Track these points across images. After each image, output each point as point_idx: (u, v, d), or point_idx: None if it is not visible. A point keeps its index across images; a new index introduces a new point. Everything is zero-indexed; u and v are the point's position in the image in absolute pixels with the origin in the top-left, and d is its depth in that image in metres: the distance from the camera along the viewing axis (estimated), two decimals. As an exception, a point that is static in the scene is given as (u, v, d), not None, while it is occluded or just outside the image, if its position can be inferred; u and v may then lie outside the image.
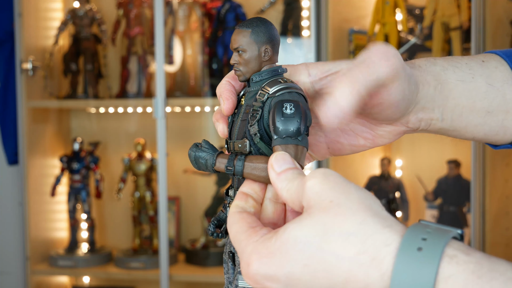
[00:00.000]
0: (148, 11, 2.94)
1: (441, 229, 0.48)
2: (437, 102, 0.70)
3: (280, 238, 0.51)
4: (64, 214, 3.08)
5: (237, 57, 0.65)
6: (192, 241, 2.99)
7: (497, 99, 0.71)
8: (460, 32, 2.53)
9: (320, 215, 0.50)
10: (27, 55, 2.86)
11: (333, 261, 0.49)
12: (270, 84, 0.64)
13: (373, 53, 0.61)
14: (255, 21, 0.65)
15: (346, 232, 0.49)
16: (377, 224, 0.49)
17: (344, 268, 0.48)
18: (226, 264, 0.67)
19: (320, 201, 0.51)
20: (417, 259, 0.46)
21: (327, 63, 0.69)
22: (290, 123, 0.59)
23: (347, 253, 0.48)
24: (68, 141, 3.16)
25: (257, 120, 0.62)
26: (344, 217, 0.49)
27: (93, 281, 3.16)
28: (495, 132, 0.73)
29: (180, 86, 2.97)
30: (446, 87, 0.69)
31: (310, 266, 0.49)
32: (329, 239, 0.49)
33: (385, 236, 0.48)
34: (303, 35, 2.82)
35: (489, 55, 0.74)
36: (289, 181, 0.55)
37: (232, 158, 0.62)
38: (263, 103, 0.63)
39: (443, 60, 0.71)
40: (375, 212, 0.50)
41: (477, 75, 0.71)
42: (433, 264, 0.46)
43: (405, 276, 0.46)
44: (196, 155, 0.64)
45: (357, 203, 0.50)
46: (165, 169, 2.73)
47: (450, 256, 0.46)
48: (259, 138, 0.62)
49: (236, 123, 0.66)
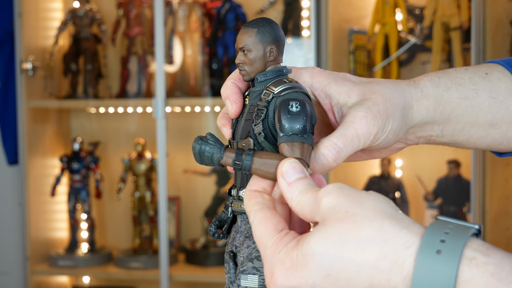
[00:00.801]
0: (148, 11, 2.94)
1: (460, 227, 0.48)
2: (437, 122, 0.70)
3: (301, 251, 0.52)
4: (64, 214, 3.08)
5: (243, 56, 0.65)
6: (192, 241, 2.99)
7: (501, 112, 0.72)
8: (460, 32, 2.54)
9: (336, 225, 0.51)
10: (27, 55, 2.86)
11: (354, 269, 0.49)
12: (275, 84, 0.64)
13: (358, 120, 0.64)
14: (261, 21, 0.65)
15: (364, 239, 0.49)
16: (395, 228, 0.49)
17: (366, 275, 0.49)
18: (227, 264, 0.67)
19: (336, 212, 0.52)
20: (437, 263, 0.46)
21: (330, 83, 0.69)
22: (296, 121, 0.59)
23: (368, 260, 0.49)
24: (68, 141, 3.16)
25: (262, 120, 0.62)
26: (361, 225, 0.50)
27: (93, 281, 3.16)
28: (499, 143, 0.73)
29: (180, 86, 2.97)
30: (448, 107, 0.70)
31: (332, 276, 0.50)
32: (348, 248, 0.49)
33: (404, 239, 0.48)
34: (303, 35, 2.82)
35: (492, 66, 0.74)
36: (300, 193, 0.56)
37: (240, 153, 0.61)
38: (268, 103, 0.63)
39: (447, 77, 0.71)
40: (390, 215, 0.51)
41: (481, 90, 0.71)
42: (452, 268, 0.46)
43: (425, 281, 0.46)
44: (201, 149, 0.62)
45: (372, 210, 0.51)
46: (165, 169, 2.73)
47: (469, 259, 0.46)
48: (263, 138, 0.62)
49: (240, 123, 0.66)
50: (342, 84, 0.68)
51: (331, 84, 0.68)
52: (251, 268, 0.62)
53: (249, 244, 0.63)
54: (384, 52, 2.72)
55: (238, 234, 0.66)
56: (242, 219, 0.66)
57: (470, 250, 0.47)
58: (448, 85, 0.70)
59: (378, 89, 0.66)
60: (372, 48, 2.78)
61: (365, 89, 0.67)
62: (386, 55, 2.72)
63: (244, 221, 0.66)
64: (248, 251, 0.63)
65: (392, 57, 2.70)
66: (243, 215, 0.66)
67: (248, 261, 0.63)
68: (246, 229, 0.65)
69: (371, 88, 0.67)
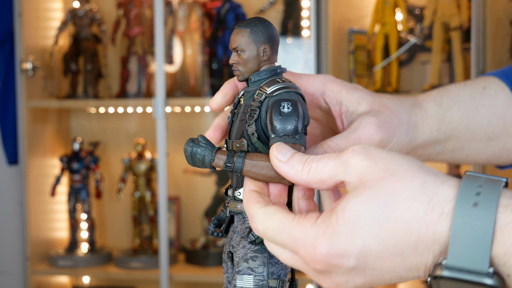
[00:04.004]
0: (148, 11, 2.94)
1: (491, 180, 0.50)
2: (439, 141, 0.72)
3: (342, 216, 0.51)
4: (64, 214, 3.08)
5: (236, 57, 0.65)
6: (192, 241, 2.99)
7: (499, 125, 0.73)
8: (460, 32, 2.53)
9: (379, 186, 0.51)
10: (27, 55, 2.86)
11: (402, 226, 0.50)
12: (268, 84, 0.64)
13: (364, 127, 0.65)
14: (254, 21, 0.65)
15: (410, 196, 0.50)
16: (436, 182, 0.51)
17: (414, 230, 0.50)
18: (225, 263, 0.67)
19: (374, 173, 0.52)
20: (475, 214, 0.48)
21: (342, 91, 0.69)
22: (287, 122, 0.59)
23: (416, 215, 0.50)
24: (68, 141, 3.16)
25: (255, 120, 0.62)
26: (404, 182, 0.51)
27: (93, 281, 3.16)
28: (498, 156, 0.75)
29: (180, 86, 2.97)
30: (450, 126, 0.72)
31: (380, 237, 0.50)
32: (395, 207, 0.50)
33: (446, 193, 0.50)
34: (303, 35, 2.82)
35: (489, 80, 0.75)
36: (304, 163, 0.56)
37: (231, 155, 0.61)
38: (261, 103, 0.63)
39: (448, 96, 0.73)
40: (427, 171, 0.52)
41: (480, 106, 0.73)
42: (490, 217, 0.47)
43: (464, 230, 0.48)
44: (193, 151, 0.62)
45: (409, 167, 0.52)
46: (165, 169, 2.73)
47: (505, 206, 0.48)
48: (256, 138, 0.62)
49: (235, 123, 0.66)
50: (353, 92, 0.69)
51: (342, 92, 0.69)
52: (246, 269, 0.63)
53: (245, 245, 0.64)
54: (384, 52, 2.72)
55: (235, 234, 0.66)
56: (239, 219, 0.66)
57: (505, 198, 0.49)
58: (450, 104, 0.72)
59: (388, 103, 0.68)
60: (372, 48, 2.78)
61: (375, 101, 0.68)
62: (386, 55, 2.72)
63: (240, 221, 0.66)
64: (243, 251, 0.63)
65: (392, 57, 2.70)
66: (239, 215, 0.66)
67: (243, 261, 0.63)
68: (242, 229, 0.65)
69: (380, 100, 0.68)
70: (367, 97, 0.68)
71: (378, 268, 0.51)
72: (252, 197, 0.59)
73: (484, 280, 0.47)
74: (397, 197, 0.50)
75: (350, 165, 0.53)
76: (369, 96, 0.69)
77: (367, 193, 0.51)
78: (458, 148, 0.73)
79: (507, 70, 0.75)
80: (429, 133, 0.70)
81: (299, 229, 0.53)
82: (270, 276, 0.63)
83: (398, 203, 0.50)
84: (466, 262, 0.48)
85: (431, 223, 0.49)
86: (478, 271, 0.47)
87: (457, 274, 0.48)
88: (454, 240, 0.48)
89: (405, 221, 0.50)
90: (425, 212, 0.50)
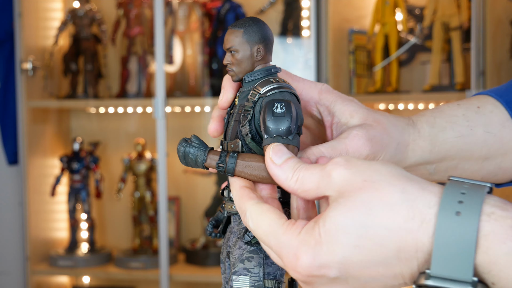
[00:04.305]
0: (148, 11, 2.94)
1: (474, 186, 0.50)
2: (431, 162, 0.71)
3: (323, 227, 0.51)
4: (64, 214, 3.09)
5: (230, 57, 0.65)
6: (192, 241, 2.99)
7: (496, 145, 0.73)
8: (460, 32, 2.53)
9: (358, 194, 0.51)
10: (27, 55, 2.87)
11: (383, 234, 0.50)
12: (262, 84, 0.63)
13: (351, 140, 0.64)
14: (248, 21, 0.65)
15: (390, 203, 0.50)
16: (416, 189, 0.50)
17: (395, 238, 0.49)
18: (223, 264, 0.67)
19: (353, 183, 0.52)
20: (458, 223, 0.48)
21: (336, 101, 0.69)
22: (280, 123, 0.59)
23: (396, 223, 0.49)
24: (68, 141, 3.16)
25: (249, 120, 0.62)
26: (384, 190, 0.51)
27: (93, 281, 3.16)
28: (494, 174, 0.74)
29: (180, 86, 2.97)
30: (443, 147, 0.71)
31: (361, 246, 0.50)
32: (375, 215, 0.50)
33: (427, 200, 0.50)
34: (303, 35, 2.81)
35: (483, 99, 0.75)
36: (296, 170, 0.56)
37: (224, 155, 0.61)
38: (255, 103, 0.63)
39: (442, 117, 0.72)
40: (408, 178, 0.52)
41: (475, 126, 0.72)
42: (473, 226, 0.47)
43: (447, 241, 0.48)
44: (186, 151, 0.62)
45: (390, 175, 0.52)
46: (165, 169, 2.73)
47: (488, 214, 0.48)
48: (250, 138, 0.62)
49: (230, 124, 0.66)
50: (348, 105, 0.69)
51: (336, 103, 0.69)
52: (242, 269, 0.63)
53: (241, 245, 0.64)
54: (384, 52, 2.72)
55: (232, 235, 0.66)
56: (235, 219, 0.66)
57: (488, 206, 0.48)
58: (443, 125, 0.71)
59: (381, 119, 0.68)
60: (372, 48, 2.78)
61: (369, 115, 0.68)
62: (386, 55, 2.72)
63: (237, 221, 0.66)
64: (239, 252, 0.63)
65: (392, 57, 2.69)
66: (235, 216, 0.66)
67: (239, 262, 0.63)
68: (239, 230, 0.65)
69: (374, 116, 0.68)
70: (361, 111, 0.68)
71: (361, 277, 0.51)
72: (244, 193, 0.59)
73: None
74: (376, 206, 0.50)
75: (332, 177, 0.53)
76: (363, 110, 0.68)
77: (346, 203, 0.51)
78: (451, 168, 0.72)
79: (500, 89, 0.75)
80: (420, 155, 0.70)
81: (285, 236, 0.53)
82: (266, 276, 0.63)
83: (377, 212, 0.50)
84: (450, 271, 0.48)
85: (412, 230, 0.49)
86: (462, 280, 0.47)
87: (441, 283, 0.48)
88: (438, 250, 0.48)
89: (386, 229, 0.50)
90: (406, 220, 0.49)
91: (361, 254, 0.50)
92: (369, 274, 0.51)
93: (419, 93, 2.71)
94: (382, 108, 2.87)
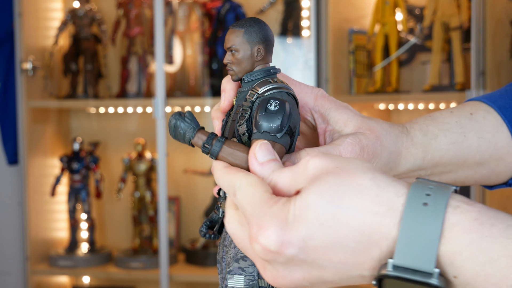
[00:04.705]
0: (148, 11, 2.94)
1: (441, 184, 0.51)
2: (424, 169, 0.72)
3: (294, 205, 0.52)
4: (64, 214, 3.09)
5: (230, 56, 0.65)
6: (192, 241, 2.99)
7: (489, 151, 0.73)
8: (460, 32, 2.53)
9: (330, 177, 0.52)
10: (27, 55, 2.87)
11: (350, 215, 0.50)
12: (261, 84, 0.64)
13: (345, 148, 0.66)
14: (249, 21, 0.65)
15: (360, 186, 0.51)
16: (387, 178, 0.52)
17: (359, 220, 0.50)
18: (219, 264, 0.67)
19: (326, 168, 0.53)
20: (424, 213, 0.49)
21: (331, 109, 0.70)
22: (271, 120, 0.59)
23: (363, 205, 0.50)
24: (68, 141, 3.16)
25: (246, 120, 0.63)
26: (355, 174, 0.52)
27: (93, 281, 3.16)
28: (487, 178, 0.75)
29: (180, 86, 2.97)
30: (436, 154, 0.72)
31: (326, 225, 0.50)
32: (345, 196, 0.51)
33: (396, 188, 0.51)
34: (303, 35, 2.81)
35: (476, 105, 0.75)
36: (273, 172, 0.56)
37: (211, 137, 0.61)
38: (252, 103, 0.63)
39: (434, 125, 0.73)
40: (381, 171, 0.53)
41: (468, 132, 0.73)
42: (439, 216, 0.48)
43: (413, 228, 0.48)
44: (176, 124, 0.62)
45: (362, 165, 0.53)
46: (165, 169, 2.73)
47: (454, 207, 0.49)
48: (247, 138, 0.62)
49: (228, 124, 0.66)
50: (342, 112, 0.69)
51: (331, 110, 0.69)
52: (237, 269, 0.63)
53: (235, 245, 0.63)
54: (384, 52, 2.72)
55: (227, 235, 0.66)
56: (232, 219, 0.66)
57: (454, 200, 0.50)
58: (435, 132, 0.72)
59: (375, 127, 0.68)
60: (372, 48, 2.78)
61: (363, 123, 0.69)
62: (386, 55, 2.72)
63: (234, 221, 0.66)
64: (234, 251, 0.63)
65: (392, 57, 2.69)
66: (232, 216, 0.66)
67: (234, 261, 0.63)
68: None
69: (368, 124, 0.69)
70: (355, 119, 0.69)
71: (319, 260, 0.51)
72: (231, 170, 0.59)
73: (429, 280, 0.47)
74: (347, 189, 0.51)
75: (307, 168, 0.54)
76: (358, 117, 0.69)
77: (319, 185, 0.52)
78: (445, 174, 0.73)
79: (493, 95, 0.76)
80: (413, 162, 0.71)
81: (259, 205, 0.53)
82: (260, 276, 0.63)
83: (348, 194, 0.51)
84: (413, 260, 0.48)
85: (378, 214, 0.49)
86: (423, 270, 0.48)
87: (403, 273, 0.48)
88: (402, 238, 0.48)
89: (353, 211, 0.50)
90: (374, 204, 0.50)
91: (325, 234, 0.50)
92: (328, 258, 0.51)
93: (419, 93, 2.71)
94: (382, 108, 2.87)
